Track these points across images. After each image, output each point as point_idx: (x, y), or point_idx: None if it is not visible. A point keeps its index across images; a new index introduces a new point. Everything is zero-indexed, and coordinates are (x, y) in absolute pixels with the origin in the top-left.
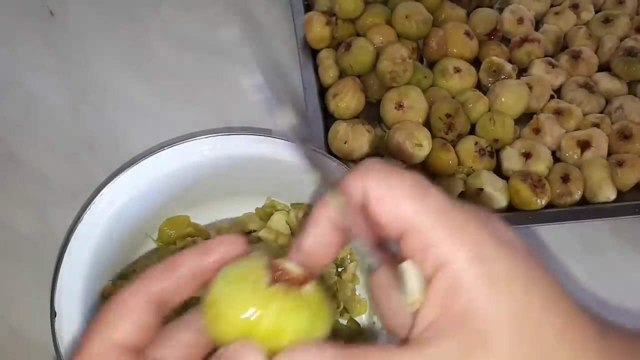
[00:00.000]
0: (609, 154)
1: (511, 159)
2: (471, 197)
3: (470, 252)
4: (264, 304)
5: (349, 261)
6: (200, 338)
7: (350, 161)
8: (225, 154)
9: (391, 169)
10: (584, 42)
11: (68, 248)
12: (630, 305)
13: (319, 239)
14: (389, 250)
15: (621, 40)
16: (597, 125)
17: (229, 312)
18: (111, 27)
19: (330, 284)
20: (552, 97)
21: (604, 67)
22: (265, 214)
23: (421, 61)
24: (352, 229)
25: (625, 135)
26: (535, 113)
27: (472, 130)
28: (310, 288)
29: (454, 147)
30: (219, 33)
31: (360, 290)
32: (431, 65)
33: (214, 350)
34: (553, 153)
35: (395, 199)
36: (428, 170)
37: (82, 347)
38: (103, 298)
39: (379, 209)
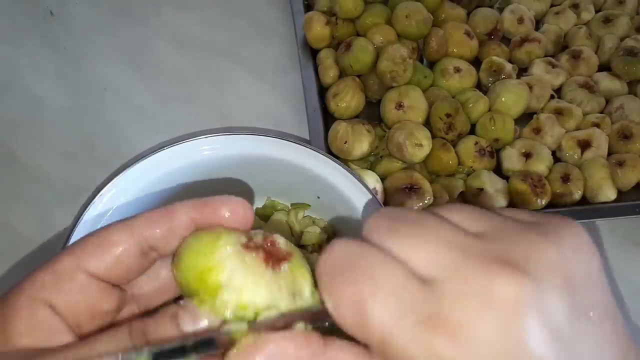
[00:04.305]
0: (609, 153)
1: (511, 159)
2: (471, 197)
3: None
4: (236, 263)
5: None
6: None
7: (350, 161)
8: (225, 154)
9: (343, 265)
10: (584, 42)
11: None
12: (631, 305)
13: None
14: None
15: (621, 40)
16: (597, 125)
17: (196, 263)
18: (111, 27)
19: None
20: (552, 97)
21: (604, 67)
22: (265, 214)
23: (421, 61)
24: None
25: (625, 135)
26: (535, 113)
27: (472, 130)
28: (286, 267)
29: (454, 147)
30: (219, 33)
31: None
32: (431, 65)
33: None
34: (553, 153)
35: (343, 314)
36: (428, 170)
37: (50, 262)
38: None
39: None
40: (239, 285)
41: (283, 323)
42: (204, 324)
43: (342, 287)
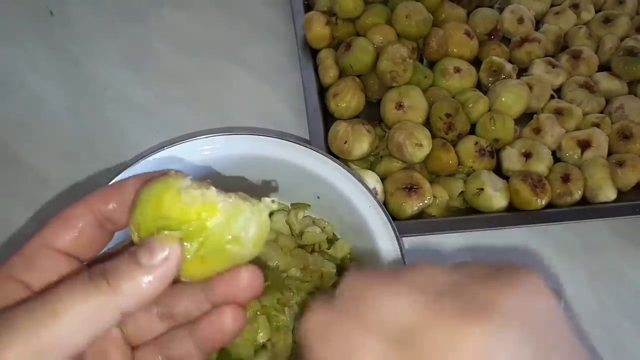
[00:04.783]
0: (609, 153)
1: (511, 159)
2: (471, 197)
3: None
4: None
5: (348, 260)
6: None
7: (350, 161)
8: (225, 154)
9: (322, 333)
10: (584, 42)
11: None
12: (630, 305)
13: None
14: None
15: (621, 40)
16: (597, 125)
17: (151, 211)
18: (111, 27)
19: (329, 284)
20: (552, 96)
21: (604, 67)
22: None
23: (421, 61)
24: None
25: (625, 135)
26: (535, 113)
27: (472, 130)
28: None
29: (454, 147)
30: (219, 33)
31: None
32: (431, 65)
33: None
34: (553, 153)
35: None
36: (428, 170)
37: (21, 248)
38: None
39: None
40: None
41: None
42: (161, 255)
43: (325, 353)
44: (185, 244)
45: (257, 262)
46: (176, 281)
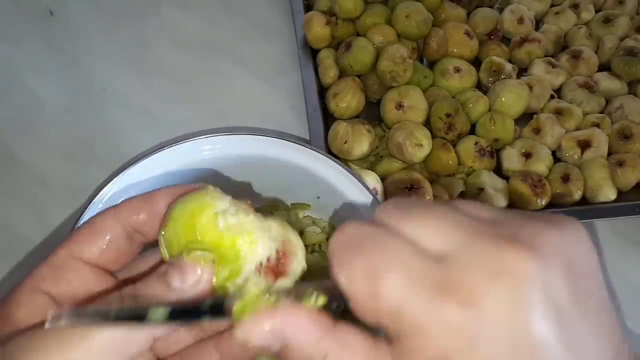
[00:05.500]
0: (609, 153)
1: (511, 159)
2: (471, 197)
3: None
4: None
5: None
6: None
7: (350, 161)
8: (225, 154)
9: (352, 243)
10: (584, 42)
11: None
12: (630, 305)
13: None
14: None
15: (621, 40)
16: (597, 125)
17: (187, 211)
18: (111, 27)
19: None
20: (552, 97)
21: (604, 67)
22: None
23: (421, 61)
24: None
25: (625, 135)
26: (535, 113)
27: (472, 130)
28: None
29: (454, 147)
30: (218, 33)
31: None
32: (431, 65)
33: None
34: (553, 153)
35: (354, 290)
36: (428, 170)
37: (48, 256)
38: None
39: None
40: (233, 229)
41: (294, 295)
42: (193, 278)
43: (354, 261)
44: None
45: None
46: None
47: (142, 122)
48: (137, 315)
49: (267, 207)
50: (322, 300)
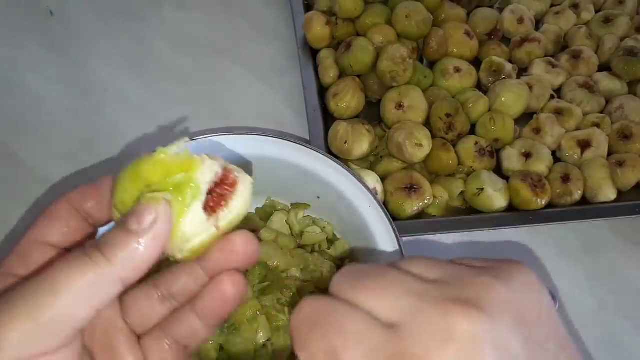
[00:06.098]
0: (609, 153)
1: (511, 159)
2: (471, 197)
3: None
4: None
5: (348, 260)
6: None
7: (350, 161)
8: (225, 154)
9: (312, 322)
10: (584, 42)
11: None
12: (630, 305)
13: None
14: None
15: (621, 40)
16: (597, 125)
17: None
18: (111, 27)
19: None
20: (552, 97)
21: (604, 67)
22: (265, 214)
23: (421, 61)
24: None
25: (625, 135)
26: (535, 113)
27: (472, 130)
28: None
29: (454, 147)
30: (218, 33)
31: None
32: (431, 65)
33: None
34: (553, 153)
35: None
36: (428, 170)
37: (14, 248)
38: None
39: None
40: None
41: None
42: (149, 218)
43: (314, 340)
44: (179, 198)
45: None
46: (172, 262)
47: (142, 122)
48: None
49: (267, 207)
50: None
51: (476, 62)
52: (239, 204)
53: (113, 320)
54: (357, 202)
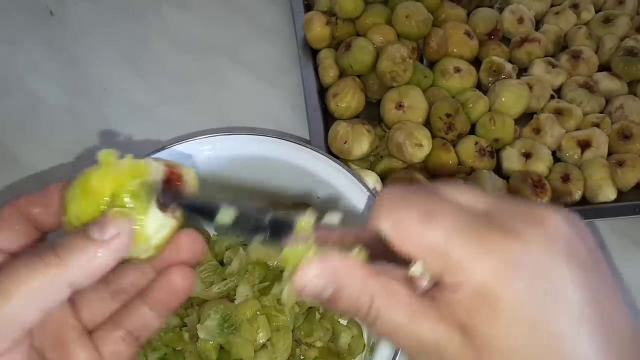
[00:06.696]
0: (609, 153)
1: (511, 159)
2: None
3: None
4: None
5: None
6: None
7: (350, 161)
8: (225, 154)
9: (400, 198)
10: (584, 42)
11: None
12: (631, 305)
13: None
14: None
15: (621, 40)
16: (597, 125)
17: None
18: (111, 27)
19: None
20: (552, 97)
21: (604, 67)
22: None
23: (421, 61)
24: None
25: (625, 135)
26: (535, 113)
27: (472, 130)
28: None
29: (454, 147)
30: (219, 33)
31: None
32: (431, 65)
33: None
34: (553, 153)
35: (404, 233)
36: (428, 170)
37: None
38: None
39: (397, 246)
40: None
41: (339, 249)
42: (112, 231)
43: (406, 203)
44: (138, 204)
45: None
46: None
47: (142, 122)
48: (208, 210)
49: (268, 207)
50: (363, 254)
51: (476, 62)
52: (190, 193)
53: (64, 318)
54: (357, 202)
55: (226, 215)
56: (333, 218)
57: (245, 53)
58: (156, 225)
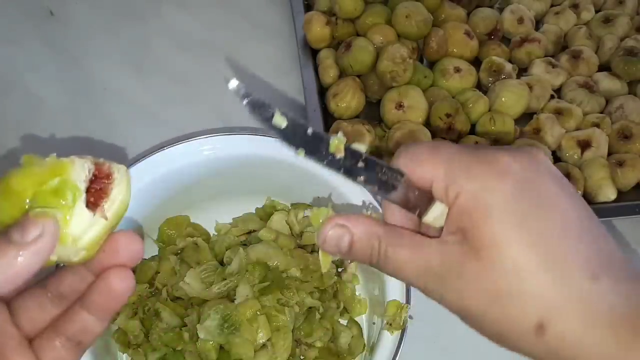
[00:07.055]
0: (609, 153)
1: None
2: None
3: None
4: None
5: (348, 261)
6: None
7: None
8: (225, 154)
9: (414, 144)
10: (584, 42)
11: None
12: None
13: None
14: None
15: (621, 40)
16: (597, 125)
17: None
18: (111, 27)
19: (329, 284)
20: (552, 96)
21: (604, 67)
22: (265, 214)
23: (421, 61)
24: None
25: (625, 135)
26: (535, 113)
27: (472, 130)
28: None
29: None
30: (219, 33)
31: (360, 290)
32: (431, 65)
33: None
34: (553, 153)
35: (420, 168)
36: None
37: None
38: None
39: (414, 179)
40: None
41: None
42: (34, 232)
43: (418, 146)
44: (61, 202)
45: (258, 261)
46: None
47: (142, 122)
48: (266, 112)
49: (267, 207)
50: (375, 214)
51: (476, 62)
52: (121, 191)
53: (1, 326)
54: (357, 202)
55: (280, 119)
56: (360, 146)
57: (245, 53)
58: (84, 224)
